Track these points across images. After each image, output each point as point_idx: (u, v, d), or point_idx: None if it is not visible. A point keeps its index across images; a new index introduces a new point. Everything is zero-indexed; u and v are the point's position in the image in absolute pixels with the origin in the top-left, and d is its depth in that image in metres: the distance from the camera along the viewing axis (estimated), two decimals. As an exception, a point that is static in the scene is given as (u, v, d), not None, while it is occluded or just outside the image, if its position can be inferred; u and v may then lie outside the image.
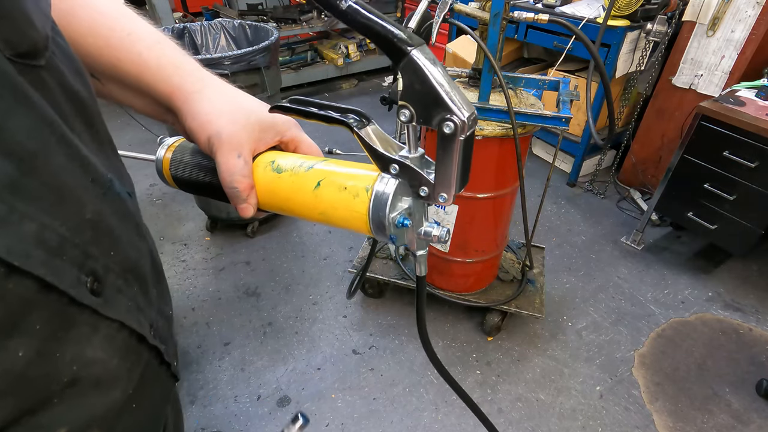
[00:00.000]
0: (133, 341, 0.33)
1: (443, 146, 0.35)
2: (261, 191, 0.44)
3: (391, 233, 0.39)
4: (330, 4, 0.33)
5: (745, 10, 2.00)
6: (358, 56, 4.10)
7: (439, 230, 0.41)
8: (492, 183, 1.48)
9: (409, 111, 0.35)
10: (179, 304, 2.00)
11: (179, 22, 3.26)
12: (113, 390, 0.31)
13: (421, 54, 0.33)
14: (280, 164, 0.44)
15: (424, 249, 0.43)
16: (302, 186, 0.42)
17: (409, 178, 0.39)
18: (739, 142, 1.78)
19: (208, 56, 1.67)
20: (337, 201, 0.40)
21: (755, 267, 2.25)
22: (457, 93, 0.34)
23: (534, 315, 1.74)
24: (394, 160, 0.38)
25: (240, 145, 0.42)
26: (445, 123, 0.34)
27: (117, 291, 0.31)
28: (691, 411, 1.62)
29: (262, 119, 0.44)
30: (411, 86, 0.34)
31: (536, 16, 1.20)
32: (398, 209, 0.39)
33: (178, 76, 0.43)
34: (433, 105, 0.34)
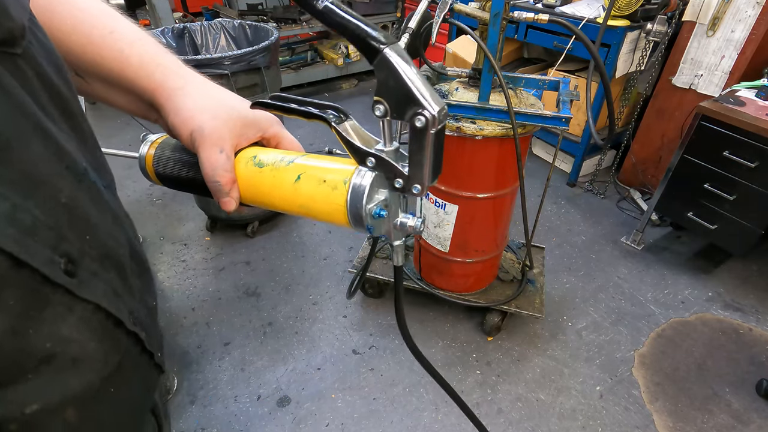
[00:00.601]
0: (110, 325, 0.34)
1: (416, 139, 0.37)
2: (243, 185, 0.45)
3: (368, 224, 0.41)
4: (307, 4, 0.34)
5: (745, 10, 2.00)
6: (358, 56, 4.10)
7: (414, 221, 0.43)
8: (492, 183, 1.48)
9: (383, 106, 0.36)
10: (179, 304, 2.00)
11: (179, 22, 3.26)
12: (89, 371, 0.31)
13: (394, 52, 0.34)
14: (261, 159, 0.45)
15: (400, 239, 0.45)
16: (283, 180, 0.43)
17: (385, 171, 0.41)
18: (739, 142, 1.78)
19: (208, 56, 1.67)
20: (317, 194, 0.42)
21: (755, 267, 2.25)
22: (428, 89, 0.35)
23: (534, 315, 1.74)
24: (370, 154, 0.40)
25: (222, 141, 0.43)
26: (416, 117, 0.35)
27: (92, 274, 0.31)
28: (691, 411, 1.62)
29: (245, 115, 0.45)
30: (385, 82, 0.35)
31: (536, 16, 1.20)
32: (375, 201, 0.41)
33: (161, 72, 0.43)
34: (406, 100, 0.35)
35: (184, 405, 1.61)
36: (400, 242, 0.45)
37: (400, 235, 0.45)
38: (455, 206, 1.54)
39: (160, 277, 2.15)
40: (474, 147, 1.39)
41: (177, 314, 1.95)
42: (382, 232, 0.44)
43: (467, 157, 1.43)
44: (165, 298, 2.03)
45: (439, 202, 1.56)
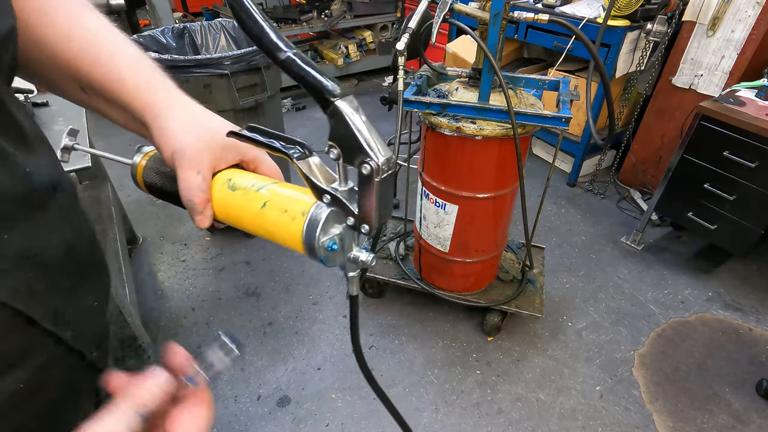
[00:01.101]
0: (21, 322, 0.35)
1: (363, 185, 0.40)
2: (216, 205, 0.49)
3: (321, 256, 0.44)
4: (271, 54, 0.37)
5: (745, 10, 2.00)
6: (358, 56, 4.10)
7: (367, 256, 0.45)
8: (492, 183, 1.48)
9: (336, 150, 0.39)
10: (179, 304, 2.00)
11: (179, 22, 3.26)
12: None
13: (345, 104, 0.37)
14: (235, 183, 0.48)
15: (355, 271, 0.48)
16: (251, 205, 0.46)
17: (339, 208, 0.44)
18: (739, 142, 1.78)
19: (208, 56, 1.67)
20: (278, 222, 0.45)
21: (755, 267, 2.25)
22: (376, 139, 0.38)
23: (534, 315, 1.74)
24: (326, 191, 0.43)
25: (200, 163, 0.46)
26: (363, 165, 0.38)
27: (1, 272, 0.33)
28: (691, 411, 1.62)
29: (225, 139, 0.47)
30: (336, 131, 0.38)
31: (536, 16, 1.20)
32: (329, 234, 0.44)
33: (150, 93, 0.46)
34: (355, 148, 0.38)
35: (184, 405, 1.61)
36: (354, 274, 0.48)
37: (354, 268, 0.47)
38: (455, 206, 1.54)
39: (160, 277, 2.15)
40: (474, 147, 1.39)
41: (177, 314, 1.95)
42: (336, 263, 0.46)
43: (467, 157, 1.43)
44: (165, 298, 2.03)
45: (439, 202, 1.57)
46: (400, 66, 1.26)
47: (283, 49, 0.37)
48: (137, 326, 1.41)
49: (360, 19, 3.96)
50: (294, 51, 0.38)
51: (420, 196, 1.66)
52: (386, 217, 0.44)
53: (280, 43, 0.38)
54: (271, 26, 0.38)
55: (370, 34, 4.20)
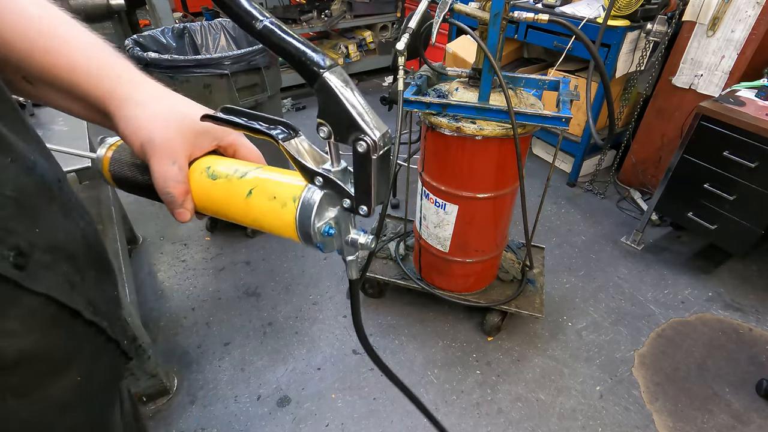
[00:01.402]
0: (64, 317, 0.34)
1: (359, 164, 0.37)
2: (197, 196, 0.45)
3: (317, 242, 0.41)
4: (246, 24, 0.34)
5: (745, 10, 2.00)
6: (358, 56, 4.10)
7: (365, 238, 0.43)
8: (492, 183, 1.48)
9: (326, 128, 0.36)
10: (179, 304, 2.00)
11: (179, 22, 3.26)
12: (32, 363, 0.31)
13: (334, 76, 0.34)
14: (215, 170, 0.44)
15: (353, 255, 0.45)
16: (236, 193, 0.43)
17: (333, 191, 0.41)
18: (739, 142, 1.78)
19: (208, 56, 1.67)
20: (267, 210, 0.42)
21: (755, 267, 2.25)
22: (370, 113, 0.35)
23: (534, 315, 1.74)
24: (318, 173, 0.40)
25: (174, 152, 0.42)
26: (358, 142, 0.35)
27: (43, 266, 0.32)
28: (691, 411, 1.62)
29: (198, 124, 0.44)
30: (326, 106, 0.35)
31: (536, 16, 1.20)
32: (324, 219, 0.41)
33: (111, 80, 0.42)
34: (347, 125, 0.35)
35: (184, 405, 1.61)
36: (353, 257, 0.45)
37: (352, 251, 0.45)
38: (455, 206, 1.54)
39: (160, 277, 2.15)
40: (474, 147, 1.39)
41: (177, 314, 1.95)
42: (333, 248, 0.44)
43: (467, 157, 1.43)
44: (165, 298, 2.03)
45: (439, 202, 1.56)
46: (400, 66, 1.25)
47: (259, 17, 0.34)
48: (137, 326, 1.41)
49: (360, 19, 3.97)
50: (271, 20, 0.34)
51: (420, 196, 1.66)
52: (385, 197, 0.41)
53: (255, 11, 0.34)
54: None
55: (370, 34, 4.20)
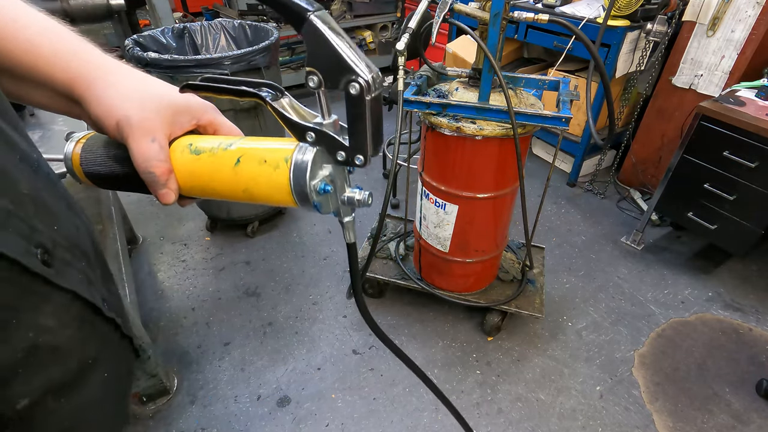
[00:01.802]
0: (88, 313, 0.34)
1: (353, 108, 0.36)
2: (180, 175, 0.43)
3: (314, 201, 0.40)
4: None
5: (745, 10, 2.00)
6: (358, 56, 4.10)
7: (361, 194, 0.42)
8: (492, 183, 1.48)
9: (316, 77, 0.35)
10: (179, 304, 2.00)
11: (179, 22, 3.26)
12: (69, 359, 0.31)
13: (321, 19, 0.33)
14: (198, 146, 0.43)
15: (350, 215, 0.44)
16: (222, 165, 0.41)
17: (326, 145, 0.39)
18: (739, 142, 1.78)
19: (208, 56, 1.67)
20: (259, 175, 0.40)
21: (755, 267, 2.24)
22: (359, 55, 0.34)
23: (534, 315, 1.74)
24: (309, 128, 0.39)
25: (153, 130, 0.41)
26: (351, 85, 0.34)
27: (66, 264, 0.32)
28: (691, 411, 1.62)
29: (175, 103, 0.43)
30: (315, 52, 0.34)
31: (536, 16, 1.20)
32: (319, 176, 0.40)
33: (77, 62, 0.40)
34: (338, 69, 0.34)
35: (184, 405, 1.61)
36: (350, 218, 0.44)
37: (349, 211, 0.44)
38: (455, 206, 1.54)
39: (160, 277, 2.15)
40: (474, 147, 1.39)
41: (177, 314, 1.95)
42: (330, 209, 0.43)
43: (467, 157, 1.43)
44: (165, 298, 2.03)
45: (439, 202, 1.56)
46: (400, 66, 1.25)
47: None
48: (137, 326, 1.41)
49: (360, 19, 3.96)
50: None
51: (420, 196, 1.66)
52: (380, 144, 0.40)
53: None
54: None
55: (370, 34, 4.20)
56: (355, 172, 0.39)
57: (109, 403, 0.38)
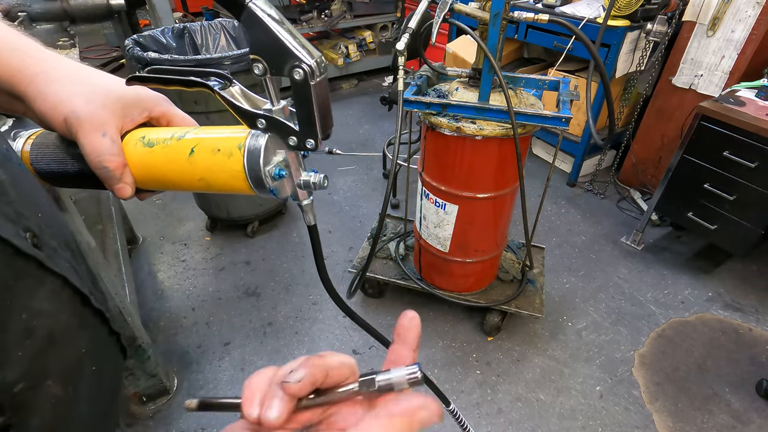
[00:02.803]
0: (78, 302, 0.34)
1: (298, 94, 0.36)
2: (135, 169, 0.43)
3: (270, 186, 0.40)
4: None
5: (745, 10, 2.00)
6: (358, 56, 4.10)
7: (317, 177, 0.42)
8: (492, 183, 1.48)
9: (261, 64, 0.35)
10: (179, 304, 2.00)
11: (179, 22, 3.26)
12: (65, 346, 0.31)
13: (259, 7, 0.33)
14: (150, 138, 0.43)
15: (308, 198, 0.45)
16: (176, 156, 0.42)
17: (277, 131, 0.40)
18: (739, 142, 1.78)
19: (208, 56, 1.67)
20: (213, 164, 0.41)
21: (755, 267, 2.24)
22: (301, 41, 0.35)
23: (534, 315, 1.74)
24: (259, 115, 0.39)
25: (102, 124, 0.40)
26: (294, 70, 0.35)
27: (54, 250, 0.31)
28: (691, 411, 1.62)
29: (124, 96, 0.42)
30: (257, 40, 0.34)
31: (536, 16, 1.20)
32: (273, 162, 0.40)
33: (18, 58, 0.39)
34: (281, 55, 0.34)
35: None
36: (309, 201, 0.45)
37: (306, 194, 0.44)
38: (455, 206, 1.54)
39: (160, 277, 2.15)
40: (474, 147, 1.39)
41: (177, 314, 1.95)
42: (287, 193, 0.43)
43: (467, 157, 1.43)
44: (165, 298, 2.03)
45: (439, 202, 1.56)
46: (400, 66, 1.26)
47: None
48: (137, 326, 1.41)
49: (360, 19, 3.96)
50: None
51: (420, 196, 1.66)
52: (329, 126, 0.40)
53: None
54: None
55: (370, 34, 4.20)
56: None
57: (101, 400, 0.38)
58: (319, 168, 2.95)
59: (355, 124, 3.53)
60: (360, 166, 2.98)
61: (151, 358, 1.48)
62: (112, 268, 1.63)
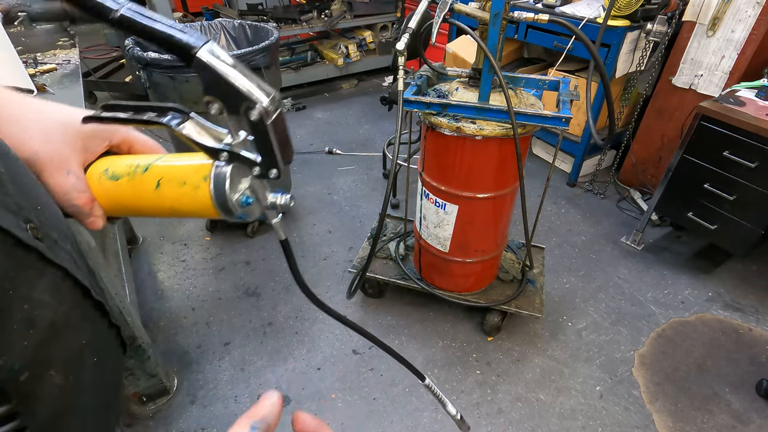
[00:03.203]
0: (78, 294, 0.34)
1: (256, 132, 0.37)
2: (103, 201, 0.43)
3: (238, 213, 0.41)
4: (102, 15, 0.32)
5: (745, 10, 2.00)
6: (358, 56, 4.10)
7: (283, 199, 0.43)
8: (492, 183, 1.48)
9: (216, 104, 0.36)
10: (179, 304, 2.00)
11: (179, 22, 3.26)
12: (67, 337, 0.31)
13: (208, 52, 0.34)
14: (114, 171, 0.43)
15: (276, 217, 0.46)
16: (143, 189, 0.42)
17: (240, 161, 0.41)
18: (739, 142, 1.78)
19: (208, 56, 1.67)
20: (181, 196, 0.41)
21: (755, 267, 2.24)
22: (254, 81, 0.35)
23: (534, 315, 1.74)
24: (221, 150, 0.40)
25: (64, 162, 0.40)
26: (249, 112, 0.35)
27: (54, 242, 0.32)
28: (691, 411, 1.62)
29: (83, 129, 0.42)
30: (209, 83, 0.35)
31: (536, 16, 1.20)
32: (239, 190, 0.41)
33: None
34: (235, 97, 0.35)
35: (184, 405, 1.61)
36: (277, 219, 0.46)
37: (275, 214, 0.45)
38: (455, 206, 1.54)
39: (160, 277, 2.15)
40: (474, 147, 1.39)
41: (177, 314, 1.95)
42: (256, 216, 0.44)
43: (467, 157, 1.43)
44: (165, 298, 2.03)
45: (439, 202, 1.57)
46: (400, 66, 1.26)
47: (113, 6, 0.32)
48: (137, 326, 1.41)
49: (360, 19, 3.96)
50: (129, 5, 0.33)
51: (420, 196, 1.66)
52: (291, 154, 0.41)
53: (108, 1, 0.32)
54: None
55: (370, 34, 4.20)
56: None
57: (103, 392, 0.38)
58: (320, 168, 2.96)
59: (355, 124, 3.53)
60: (360, 166, 2.98)
61: (151, 358, 1.48)
62: (112, 268, 1.63)
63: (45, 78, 1.50)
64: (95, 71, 3.26)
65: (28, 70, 1.46)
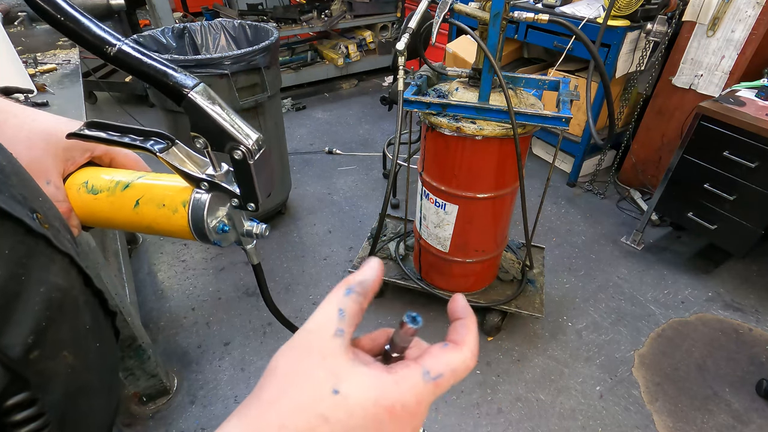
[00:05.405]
0: (82, 281, 0.35)
1: (238, 170, 0.39)
2: (80, 212, 0.44)
3: (214, 239, 0.43)
4: (99, 51, 0.33)
5: (745, 10, 2.00)
6: (358, 56, 4.10)
7: (258, 227, 0.45)
8: (492, 183, 1.48)
9: (201, 140, 0.37)
10: (179, 304, 2.00)
11: (179, 22, 3.26)
12: (76, 319, 0.33)
13: (200, 95, 0.35)
14: (94, 185, 0.43)
15: (251, 243, 0.47)
16: (121, 206, 0.43)
17: (219, 191, 0.42)
18: (739, 142, 1.78)
19: (208, 56, 1.67)
20: (158, 218, 0.42)
21: (755, 267, 2.24)
22: (240, 122, 0.37)
23: (534, 315, 1.74)
24: (202, 180, 0.41)
25: (45, 171, 0.41)
26: (234, 151, 0.37)
27: (58, 230, 0.33)
28: (691, 411, 1.62)
29: (64, 139, 0.42)
30: (197, 122, 0.36)
31: (536, 16, 1.20)
32: (217, 218, 0.43)
33: None
34: (221, 136, 0.36)
35: (184, 405, 1.61)
36: (252, 245, 0.47)
37: (249, 240, 0.46)
38: (455, 206, 1.54)
39: (160, 277, 2.15)
40: (474, 147, 1.39)
41: (177, 314, 1.95)
42: (230, 242, 0.45)
43: (467, 157, 1.43)
44: (165, 298, 2.03)
45: (439, 202, 1.57)
46: (400, 66, 1.26)
47: (111, 41, 0.33)
48: (137, 326, 1.41)
49: (360, 19, 3.97)
50: (126, 42, 0.33)
51: (420, 196, 1.66)
52: (270, 190, 0.42)
53: (106, 35, 0.33)
54: (89, 18, 0.33)
55: (370, 34, 4.20)
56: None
57: (107, 374, 0.39)
58: (320, 168, 2.95)
59: (355, 124, 3.53)
60: (360, 166, 2.98)
61: (151, 358, 1.48)
62: (112, 268, 1.63)
63: (45, 78, 1.50)
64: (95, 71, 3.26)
65: (28, 70, 1.46)
